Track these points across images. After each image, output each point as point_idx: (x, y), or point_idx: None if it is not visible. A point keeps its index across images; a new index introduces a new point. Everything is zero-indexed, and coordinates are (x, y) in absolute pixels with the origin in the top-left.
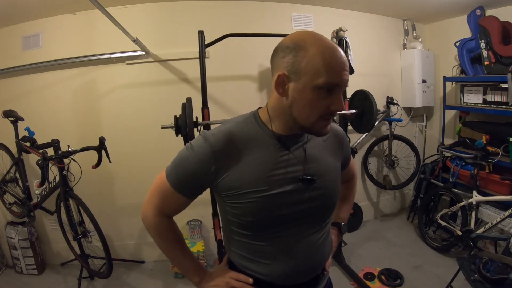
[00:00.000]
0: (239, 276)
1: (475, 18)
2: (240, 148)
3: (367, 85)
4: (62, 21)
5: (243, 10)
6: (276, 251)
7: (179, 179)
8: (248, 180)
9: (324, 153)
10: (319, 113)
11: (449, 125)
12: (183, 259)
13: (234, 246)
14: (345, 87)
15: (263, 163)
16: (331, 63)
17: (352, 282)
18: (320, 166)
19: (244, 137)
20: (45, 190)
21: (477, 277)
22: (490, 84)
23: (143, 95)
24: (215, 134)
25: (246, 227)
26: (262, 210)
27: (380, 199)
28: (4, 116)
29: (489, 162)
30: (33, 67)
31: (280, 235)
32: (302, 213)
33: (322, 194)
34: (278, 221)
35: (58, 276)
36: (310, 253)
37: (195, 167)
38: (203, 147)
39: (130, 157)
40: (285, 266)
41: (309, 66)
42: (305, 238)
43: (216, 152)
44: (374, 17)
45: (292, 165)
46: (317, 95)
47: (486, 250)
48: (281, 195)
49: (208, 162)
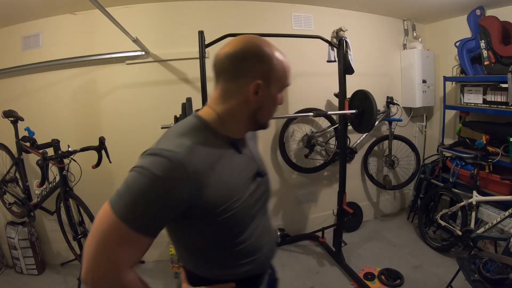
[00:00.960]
0: (220, 286)
1: (475, 18)
2: (207, 160)
3: (367, 85)
4: (62, 21)
5: (243, 10)
6: (256, 244)
7: (140, 216)
8: (225, 193)
9: (254, 147)
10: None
11: (449, 125)
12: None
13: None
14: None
15: (230, 171)
16: (288, 68)
17: (352, 282)
18: (260, 159)
19: (205, 148)
20: (45, 190)
21: (477, 277)
22: (490, 84)
23: (143, 95)
24: (179, 152)
25: (231, 238)
26: (244, 215)
27: (380, 199)
28: (4, 116)
29: (489, 162)
30: (33, 67)
31: (255, 229)
32: (263, 203)
33: (268, 182)
34: (253, 218)
35: (58, 276)
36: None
37: (162, 197)
38: (168, 170)
39: (130, 157)
40: (266, 250)
41: (279, 73)
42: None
43: (187, 174)
44: (374, 17)
45: (248, 165)
46: (279, 96)
47: (486, 250)
48: (251, 196)
49: (179, 187)
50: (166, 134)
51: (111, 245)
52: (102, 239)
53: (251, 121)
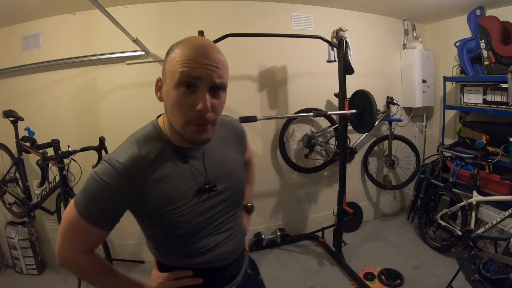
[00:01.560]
0: (177, 273)
1: (475, 18)
2: (150, 170)
3: (367, 85)
4: (62, 21)
5: (243, 10)
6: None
7: (94, 214)
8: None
9: (227, 153)
10: (186, 115)
11: (449, 125)
12: (120, 285)
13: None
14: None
15: (171, 180)
16: (188, 55)
17: (352, 282)
18: (223, 170)
19: (151, 158)
20: (45, 190)
21: (477, 277)
22: (490, 84)
23: (143, 95)
24: (122, 162)
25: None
26: (182, 223)
27: (380, 199)
28: (4, 116)
29: (489, 162)
30: (33, 67)
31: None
32: (215, 216)
33: (229, 195)
34: (197, 229)
35: (58, 276)
36: (229, 241)
37: (109, 199)
38: (113, 177)
39: None
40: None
41: (171, 63)
42: (223, 233)
43: (128, 181)
44: (374, 17)
45: (193, 177)
46: (179, 93)
47: (486, 250)
48: (193, 207)
49: (122, 192)
50: (125, 141)
51: (72, 234)
52: (65, 230)
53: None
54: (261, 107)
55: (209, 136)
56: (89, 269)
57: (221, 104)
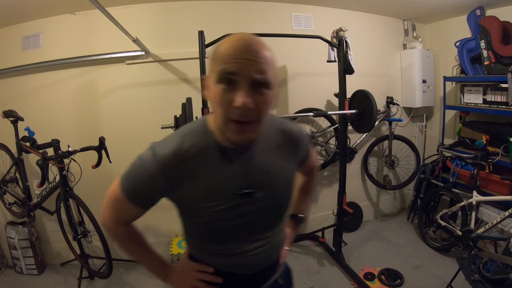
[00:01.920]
0: (200, 266)
1: (475, 18)
2: (188, 164)
3: (367, 85)
4: (62, 21)
5: (243, 10)
6: (228, 250)
7: (132, 191)
8: (196, 197)
9: (276, 161)
10: (226, 112)
11: (449, 125)
12: (147, 259)
13: (193, 243)
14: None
15: (208, 179)
16: (227, 51)
17: (352, 282)
18: (267, 178)
19: (191, 152)
20: (45, 190)
21: (477, 277)
22: (490, 84)
23: (143, 95)
24: (164, 153)
25: (202, 233)
26: (211, 223)
27: (380, 199)
28: (4, 116)
29: (489, 162)
30: (33, 67)
31: (229, 241)
32: (247, 223)
33: (268, 205)
34: (227, 231)
35: (58, 276)
36: (259, 251)
37: (146, 183)
38: (153, 165)
39: (130, 157)
40: (235, 262)
41: (213, 61)
42: (253, 242)
43: (165, 171)
44: (374, 17)
45: (235, 180)
46: (220, 90)
47: (486, 250)
48: (225, 210)
49: (157, 180)
50: (174, 131)
51: (112, 205)
52: (108, 199)
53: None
54: None
55: (250, 137)
56: (123, 237)
57: (266, 102)
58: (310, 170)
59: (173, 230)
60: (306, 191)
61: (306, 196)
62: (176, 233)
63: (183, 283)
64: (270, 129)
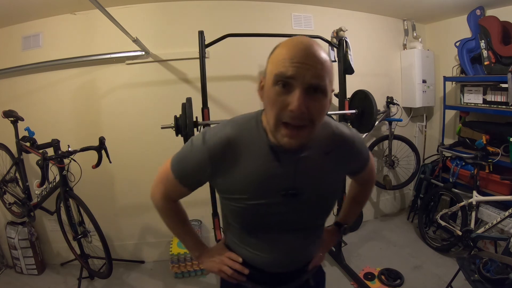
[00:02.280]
0: (231, 254)
1: (475, 18)
2: (236, 154)
3: (367, 85)
4: (62, 21)
5: (243, 10)
6: (259, 246)
7: (181, 172)
8: (237, 187)
9: (324, 167)
10: (278, 114)
11: (449, 125)
12: (185, 236)
13: (229, 232)
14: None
15: (254, 172)
16: (288, 54)
17: (352, 282)
18: (313, 182)
19: (241, 143)
20: (45, 190)
21: (477, 277)
22: (490, 84)
23: (143, 95)
24: (213, 139)
25: (237, 222)
26: (248, 216)
27: (380, 199)
28: (4, 116)
29: (489, 162)
30: (33, 67)
31: (264, 235)
32: (285, 223)
33: (309, 209)
34: (262, 226)
35: (58, 276)
36: (291, 252)
37: (193, 166)
38: (201, 149)
39: (130, 157)
40: (265, 259)
41: (270, 64)
42: (286, 242)
43: (212, 158)
44: (374, 17)
45: (280, 178)
46: (275, 92)
47: (486, 250)
48: (264, 206)
49: (204, 164)
50: (228, 120)
51: (162, 181)
52: (159, 175)
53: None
54: (261, 107)
55: (300, 142)
56: (168, 213)
57: (320, 108)
58: (366, 182)
59: None
60: (357, 202)
61: (356, 206)
62: None
63: (212, 265)
64: (322, 134)
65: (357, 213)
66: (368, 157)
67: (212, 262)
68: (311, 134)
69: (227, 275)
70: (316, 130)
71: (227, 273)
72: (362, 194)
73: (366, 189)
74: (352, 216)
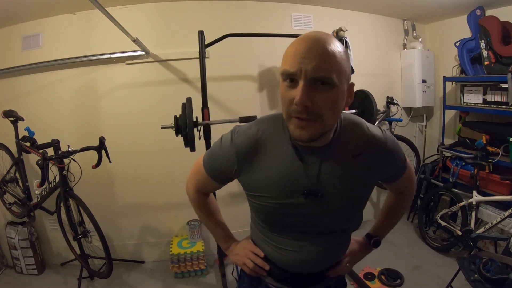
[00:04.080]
0: (255, 249)
1: (475, 18)
2: (261, 153)
3: (367, 85)
4: (62, 21)
5: (243, 10)
6: (280, 244)
7: (211, 168)
8: (260, 186)
9: (351, 171)
10: (287, 109)
11: (449, 125)
12: (215, 228)
13: (254, 227)
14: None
15: (276, 172)
16: (293, 51)
17: (352, 282)
18: (337, 184)
19: (267, 142)
20: (45, 190)
21: (477, 277)
22: (490, 84)
23: (143, 95)
24: (240, 138)
25: (260, 219)
26: (270, 214)
27: (380, 199)
28: (4, 116)
29: (489, 162)
30: (33, 67)
31: (286, 234)
32: (306, 224)
33: (331, 213)
34: (284, 225)
35: (58, 276)
36: (311, 255)
37: (222, 163)
38: (229, 147)
39: (130, 157)
40: (285, 257)
41: (282, 60)
42: (309, 244)
43: (238, 156)
44: (374, 17)
45: (303, 179)
46: (284, 88)
47: (486, 250)
48: (286, 206)
49: (231, 162)
50: (258, 119)
51: (195, 176)
52: (193, 170)
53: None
54: (261, 107)
55: (311, 134)
56: (200, 205)
57: (327, 100)
58: (402, 191)
59: (173, 230)
60: (392, 213)
61: (390, 218)
62: (176, 233)
63: (237, 258)
64: (351, 135)
65: (392, 226)
66: (404, 164)
67: (237, 255)
68: (324, 128)
69: (249, 269)
70: (331, 124)
71: (249, 266)
72: (398, 205)
73: (402, 199)
74: (386, 228)
